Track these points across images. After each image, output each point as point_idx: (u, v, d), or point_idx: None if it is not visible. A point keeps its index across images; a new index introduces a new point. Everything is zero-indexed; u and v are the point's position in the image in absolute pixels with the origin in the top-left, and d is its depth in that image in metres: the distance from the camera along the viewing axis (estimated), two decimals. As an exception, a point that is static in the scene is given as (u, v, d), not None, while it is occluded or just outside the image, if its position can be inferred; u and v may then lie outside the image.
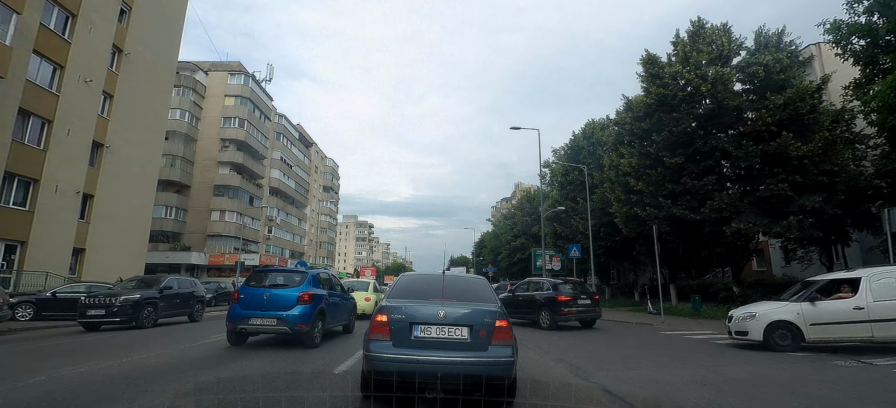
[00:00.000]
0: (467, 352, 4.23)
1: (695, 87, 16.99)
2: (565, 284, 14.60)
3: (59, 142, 20.89)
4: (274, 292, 8.94)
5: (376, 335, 4.34)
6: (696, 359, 8.28)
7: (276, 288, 9.11)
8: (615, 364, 7.68)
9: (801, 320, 8.72)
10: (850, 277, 8.92)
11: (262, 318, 8.67)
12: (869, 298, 8.37)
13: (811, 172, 15.49)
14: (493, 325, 4.35)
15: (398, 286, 5.20)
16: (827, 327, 8.62)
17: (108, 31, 23.87)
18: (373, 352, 4.27)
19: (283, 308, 8.66)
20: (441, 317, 4.34)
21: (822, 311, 8.70)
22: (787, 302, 9.16)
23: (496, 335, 4.31)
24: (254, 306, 8.76)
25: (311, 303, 8.86)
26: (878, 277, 8.55)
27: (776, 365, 7.46)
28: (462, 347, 4.27)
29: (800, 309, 8.81)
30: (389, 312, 4.42)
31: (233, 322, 8.75)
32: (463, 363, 4.13)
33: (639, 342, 10.77)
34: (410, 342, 4.28)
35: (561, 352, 9.07)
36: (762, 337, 8.95)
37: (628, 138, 21.45)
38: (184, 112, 43.79)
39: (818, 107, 16.39)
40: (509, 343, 4.34)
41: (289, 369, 6.60)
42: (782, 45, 17.80)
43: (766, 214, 16.10)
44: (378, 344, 4.30)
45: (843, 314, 8.52)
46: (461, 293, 4.93)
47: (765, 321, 9.02)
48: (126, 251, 25.28)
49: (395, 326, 4.33)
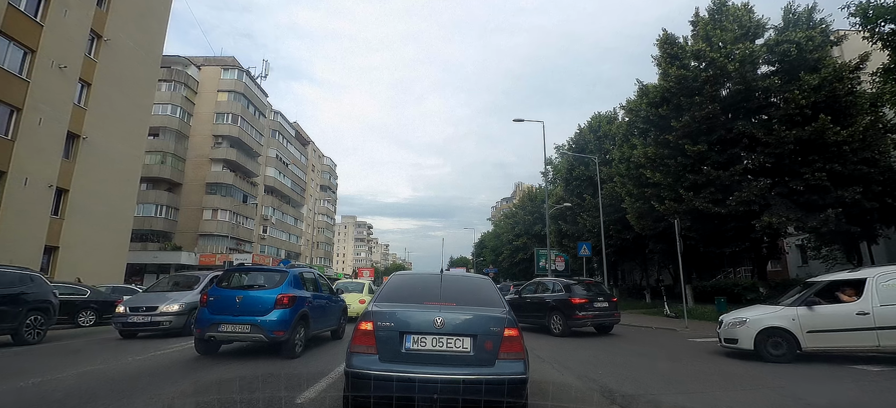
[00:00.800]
0: (470, 368, 3.55)
1: (719, 68, 15.46)
2: (579, 284, 13.06)
3: (29, 131, 19.37)
4: (248, 294, 7.65)
5: (359, 347, 3.66)
6: (755, 375, 6.75)
7: (250, 289, 7.84)
8: (657, 383, 6.15)
9: (797, 326, 7.68)
10: (854, 277, 7.83)
11: (233, 324, 7.31)
12: (875, 302, 7.25)
13: (850, 160, 13.98)
14: (501, 334, 3.67)
15: (389, 288, 4.46)
16: (826, 334, 7.57)
17: (86, 14, 22.36)
18: (355, 367, 3.58)
19: (259, 313, 7.34)
20: (438, 325, 3.65)
21: (821, 317, 7.63)
22: (782, 306, 8.15)
23: (505, 347, 3.64)
24: (225, 310, 7.42)
25: (292, 306, 7.52)
26: (886, 278, 7.38)
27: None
28: (464, 361, 3.59)
29: (796, 314, 7.76)
30: (376, 318, 3.73)
31: (201, 328, 7.44)
32: (464, 383, 3.42)
33: (670, 353, 9.23)
34: (401, 356, 3.60)
35: (583, 366, 7.54)
36: (752, 345, 7.94)
37: (642, 127, 19.94)
38: (175, 107, 42.28)
39: (856, 88, 14.88)
40: (521, 356, 3.67)
41: (244, 395, 5.05)
42: (812, 23, 16.30)
43: (800, 206, 14.56)
44: (361, 358, 3.61)
45: (845, 321, 7.43)
46: (463, 296, 4.22)
47: (756, 328, 7.98)
48: (105, 250, 23.73)
49: (382, 335, 3.65)
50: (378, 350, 3.62)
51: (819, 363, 7.58)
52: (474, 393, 3.39)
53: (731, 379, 6.55)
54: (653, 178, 17.68)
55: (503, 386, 3.48)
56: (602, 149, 29.62)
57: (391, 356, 3.60)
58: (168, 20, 29.83)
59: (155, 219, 40.24)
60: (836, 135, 13.73)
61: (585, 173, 29.90)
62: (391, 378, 3.44)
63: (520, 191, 78.42)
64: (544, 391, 5.31)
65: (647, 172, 18.08)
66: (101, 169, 23.61)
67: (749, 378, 6.59)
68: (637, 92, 19.31)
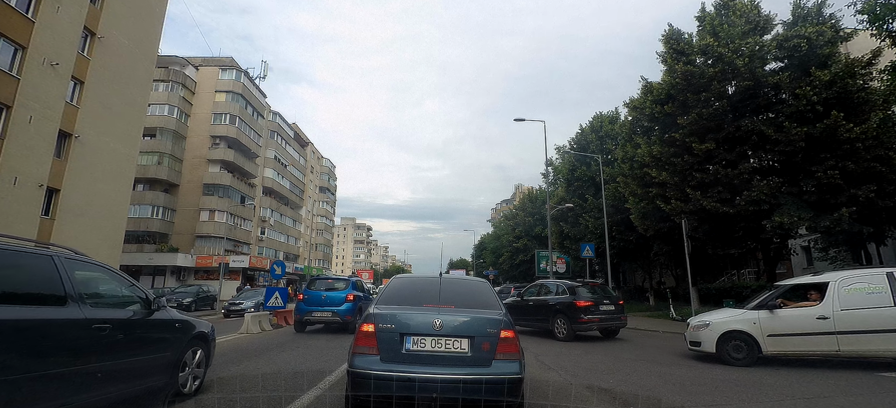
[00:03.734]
0: (468, 368, 3.69)
1: (727, 63, 15.01)
2: (584, 286, 12.58)
3: (18, 129, 18.90)
4: (329, 294, 12.70)
5: (361, 348, 3.79)
6: (783, 386, 6.27)
7: (330, 290, 12.88)
8: (676, 394, 5.67)
9: (758, 330, 7.71)
10: (817, 281, 7.83)
11: (321, 311, 12.44)
12: (836, 306, 7.26)
13: (863, 157, 13.52)
14: (497, 336, 3.80)
15: (389, 290, 4.67)
16: (786, 338, 7.58)
17: (79, 11, 21.90)
18: (357, 367, 3.71)
19: (336, 304, 12.44)
20: (437, 327, 3.79)
21: (782, 320, 7.64)
22: (745, 310, 8.15)
23: (502, 348, 3.77)
24: (314, 303, 12.52)
25: (354, 301, 12.58)
26: (848, 282, 7.38)
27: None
28: (461, 362, 3.73)
29: (757, 318, 7.79)
30: (377, 320, 3.86)
31: (299, 315, 12.59)
32: (463, 382, 3.56)
33: (684, 359, 8.74)
34: (401, 357, 3.74)
35: (591, 373, 7.07)
36: (715, 348, 7.99)
37: (647, 125, 19.48)
38: (172, 108, 41.86)
39: (869, 84, 14.43)
40: (516, 357, 3.80)
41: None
42: (822, 18, 15.87)
43: (811, 206, 14.09)
44: (363, 358, 3.75)
45: (805, 325, 7.45)
46: (461, 299, 4.37)
47: (718, 331, 8.03)
48: (98, 252, 22.89)
49: (383, 336, 3.79)
50: (379, 351, 3.73)
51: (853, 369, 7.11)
52: (472, 393, 3.50)
53: (761, 389, 6.06)
54: (658, 177, 17.21)
55: (500, 385, 3.58)
56: (604, 149, 29.19)
57: (392, 357, 3.71)
58: (164, 18, 29.40)
59: (151, 220, 39.76)
60: (849, 132, 13.28)
61: (587, 174, 29.46)
62: (392, 378, 3.54)
63: (520, 193, 77.99)
64: (546, 398, 4.95)
65: (652, 171, 17.61)
66: (94, 169, 23.15)
67: (776, 388, 6.11)
68: (641, 89, 18.87)
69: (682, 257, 22.96)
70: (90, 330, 3.65)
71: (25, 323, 3.22)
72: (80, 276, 3.91)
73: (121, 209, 25.55)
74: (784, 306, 7.86)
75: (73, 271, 3.80)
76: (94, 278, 4.26)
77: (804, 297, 8.02)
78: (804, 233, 17.42)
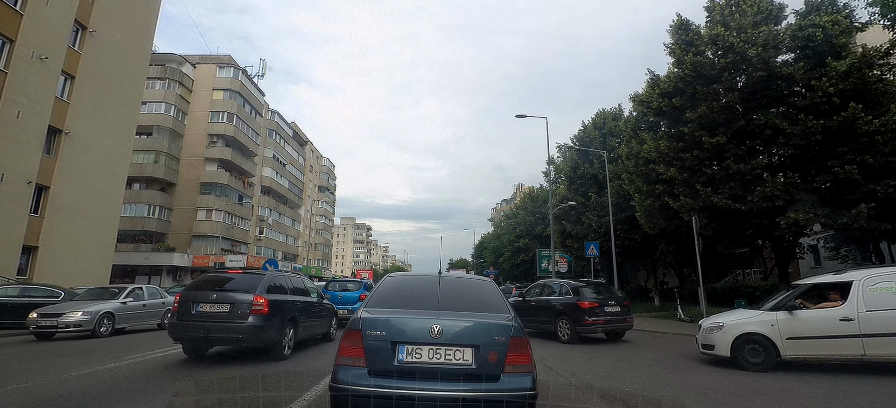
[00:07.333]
0: (472, 383, 3.15)
1: (739, 53, 14.41)
2: (588, 287, 12.00)
3: (6, 124, 18.36)
4: (345, 294, 14.51)
5: (346, 359, 3.26)
6: (814, 395, 5.69)
7: (345, 291, 14.83)
8: (703, 405, 5.09)
9: (776, 332, 7.19)
10: (839, 280, 7.27)
11: (340, 309, 12.92)
12: (860, 307, 6.75)
13: (882, 151, 12.92)
14: (506, 344, 3.26)
15: (381, 291, 4.01)
16: (807, 341, 7.05)
17: (70, 4, 21.38)
18: (341, 382, 3.16)
19: (351, 303, 13.99)
20: (436, 334, 3.26)
21: (802, 322, 7.13)
22: (762, 311, 7.61)
23: (511, 359, 3.22)
24: (333, 302, 13.13)
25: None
26: (874, 281, 6.86)
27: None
28: (464, 376, 3.20)
29: (775, 319, 7.27)
30: (365, 326, 3.33)
31: None
32: (465, 401, 3.05)
33: (698, 364, 8.14)
34: (393, 370, 3.21)
35: (605, 380, 6.49)
36: (729, 352, 7.48)
37: (653, 120, 18.86)
38: (169, 106, 41.27)
39: (887, 75, 13.83)
40: (529, 370, 3.27)
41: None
42: (836, 7, 15.28)
43: (827, 202, 13.49)
44: (348, 372, 3.20)
45: (827, 327, 6.92)
46: (463, 301, 3.82)
47: (733, 333, 7.51)
48: (89, 251, 22.70)
49: (372, 345, 3.25)
50: (367, 363, 3.21)
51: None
52: None
53: (795, 399, 5.47)
54: (665, 173, 16.60)
55: (511, 405, 3.09)
56: (607, 146, 28.59)
57: (382, 370, 3.20)
58: (158, 13, 28.86)
59: (147, 219, 39.19)
60: (868, 124, 12.68)
61: (590, 172, 28.87)
62: (381, 395, 3.05)
63: (520, 192, 77.31)
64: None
65: (659, 167, 17.00)
66: (85, 166, 22.61)
67: (811, 399, 5.51)
68: (648, 83, 18.26)
69: (687, 256, 22.36)
70: (314, 305, 9.30)
71: (303, 302, 8.72)
72: (307, 282, 9.62)
73: (113, 208, 25.00)
74: (803, 306, 7.36)
75: (305, 281, 9.53)
76: (307, 283, 9.57)
77: (823, 297, 7.51)
78: (817, 230, 16.80)
